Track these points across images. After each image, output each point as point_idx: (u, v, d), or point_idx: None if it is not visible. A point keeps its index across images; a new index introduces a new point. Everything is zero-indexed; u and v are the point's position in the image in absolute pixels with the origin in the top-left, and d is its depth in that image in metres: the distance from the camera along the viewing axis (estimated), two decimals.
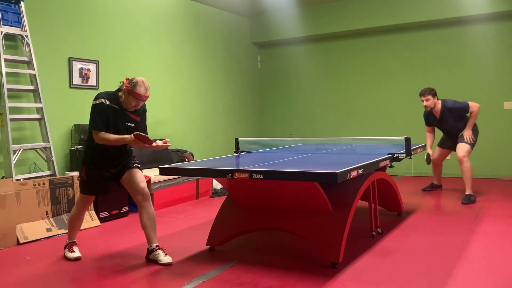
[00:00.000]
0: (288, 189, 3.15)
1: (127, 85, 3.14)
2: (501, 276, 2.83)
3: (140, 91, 3.13)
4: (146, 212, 3.30)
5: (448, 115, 5.25)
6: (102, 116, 3.14)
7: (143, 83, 3.15)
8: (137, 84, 3.13)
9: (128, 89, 3.14)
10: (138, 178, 3.32)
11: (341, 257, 3.02)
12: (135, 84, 3.13)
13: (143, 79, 3.18)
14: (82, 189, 3.39)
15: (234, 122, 8.17)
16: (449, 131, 5.41)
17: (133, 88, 3.12)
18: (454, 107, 5.20)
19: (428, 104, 5.21)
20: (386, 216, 4.47)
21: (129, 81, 3.16)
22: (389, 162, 3.77)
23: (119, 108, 3.22)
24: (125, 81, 3.17)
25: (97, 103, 3.15)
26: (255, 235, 3.90)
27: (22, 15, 4.60)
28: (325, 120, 8.24)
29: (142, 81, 3.16)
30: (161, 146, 3.19)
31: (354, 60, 7.95)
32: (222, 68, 7.81)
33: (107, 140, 3.14)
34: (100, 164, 3.30)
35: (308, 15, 7.98)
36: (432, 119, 5.44)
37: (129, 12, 6.01)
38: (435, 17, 6.91)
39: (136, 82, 3.14)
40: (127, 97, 3.16)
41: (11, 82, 4.60)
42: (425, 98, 5.22)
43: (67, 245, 3.50)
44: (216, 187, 6.16)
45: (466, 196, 5.12)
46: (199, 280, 2.88)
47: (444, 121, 5.31)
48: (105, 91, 3.27)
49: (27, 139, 4.76)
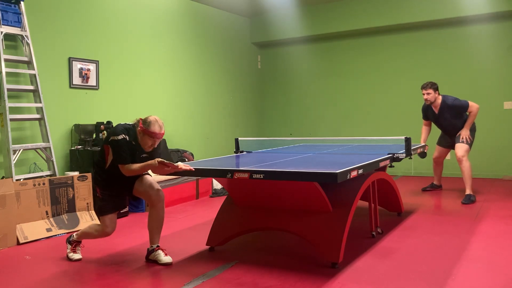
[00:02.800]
0: (288, 189, 3.15)
1: (141, 126, 3.13)
2: (501, 276, 2.83)
3: (154, 129, 3.11)
4: (157, 213, 3.29)
5: (447, 111, 5.25)
6: (126, 150, 3.13)
7: (156, 122, 3.13)
8: (151, 123, 3.12)
9: (142, 129, 3.12)
10: (150, 181, 3.33)
11: (341, 257, 3.02)
12: (149, 123, 3.12)
13: (156, 118, 3.16)
14: (101, 210, 3.30)
15: (234, 122, 8.17)
16: (446, 127, 5.40)
17: (147, 128, 3.11)
18: (454, 104, 5.20)
19: (429, 98, 5.21)
20: (386, 216, 4.47)
21: (142, 121, 3.15)
22: (389, 162, 3.77)
23: (135, 144, 3.20)
24: (139, 122, 3.18)
25: (119, 139, 3.12)
26: (255, 235, 3.90)
27: (22, 15, 4.60)
28: (325, 120, 8.23)
29: (155, 119, 3.14)
30: (184, 169, 3.16)
31: (354, 60, 7.94)
32: (222, 68, 7.81)
33: (133, 171, 3.13)
34: (116, 184, 3.28)
35: (308, 15, 7.98)
36: (431, 114, 5.43)
37: (129, 12, 6.01)
38: (435, 17, 6.91)
39: (150, 122, 3.12)
40: (143, 137, 3.15)
41: (11, 82, 4.60)
42: (426, 91, 5.22)
43: (72, 242, 3.44)
44: (216, 187, 6.16)
45: (466, 196, 5.12)
46: (199, 280, 2.88)
47: (442, 117, 5.31)
48: (122, 125, 3.22)
49: (27, 139, 4.76)
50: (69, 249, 3.43)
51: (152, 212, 3.30)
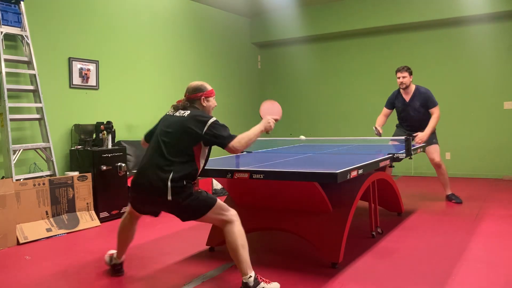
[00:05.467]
0: (288, 189, 3.15)
1: (202, 94, 2.82)
2: (501, 276, 2.83)
3: (210, 86, 2.91)
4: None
5: (417, 100, 5.07)
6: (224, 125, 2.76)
7: (203, 83, 2.91)
8: (204, 84, 2.87)
9: (206, 94, 2.83)
10: None
11: (341, 257, 3.02)
12: (204, 85, 2.86)
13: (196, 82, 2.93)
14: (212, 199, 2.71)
15: (234, 122, 8.16)
16: (411, 118, 5.14)
17: (207, 89, 2.86)
18: (426, 94, 5.05)
19: (404, 81, 5.03)
20: (386, 216, 4.47)
21: (197, 89, 2.83)
22: (389, 162, 3.77)
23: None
24: (192, 96, 2.82)
25: (214, 119, 2.72)
26: (255, 235, 3.90)
27: (22, 15, 4.60)
28: (325, 120, 8.23)
29: (201, 83, 2.90)
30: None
31: (354, 60, 7.95)
32: (222, 68, 7.80)
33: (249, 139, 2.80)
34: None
35: (308, 15, 7.98)
36: (400, 101, 5.18)
37: (129, 12, 6.01)
38: (435, 17, 6.91)
39: (202, 84, 2.86)
40: (210, 102, 2.86)
41: (11, 82, 4.60)
42: (402, 74, 5.03)
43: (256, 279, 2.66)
44: (216, 187, 6.16)
45: (451, 195, 5.19)
46: (199, 280, 2.88)
47: (412, 106, 5.10)
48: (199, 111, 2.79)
49: (27, 139, 4.76)
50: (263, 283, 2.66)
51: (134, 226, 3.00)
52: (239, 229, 2.64)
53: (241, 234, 2.63)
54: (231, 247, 2.61)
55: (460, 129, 7.09)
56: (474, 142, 7.00)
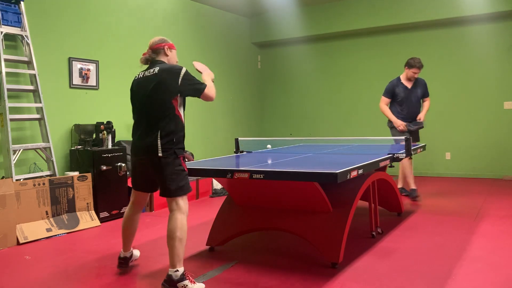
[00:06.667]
0: (288, 189, 3.15)
1: (166, 44, 2.99)
2: (501, 276, 2.83)
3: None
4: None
5: (419, 88, 5.36)
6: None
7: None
8: (165, 38, 3.02)
9: (170, 45, 3.01)
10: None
11: (341, 257, 3.02)
12: (165, 38, 3.02)
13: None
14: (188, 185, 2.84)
15: (234, 122, 8.17)
16: (412, 105, 5.33)
17: (170, 42, 3.03)
18: (425, 82, 5.45)
19: (416, 76, 5.33)
20: (386, 216, 4.47)
21: (161, 40, 3.00)
22: (389, 162, 3.77)
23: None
24: (156, 46, 2.97)
25: (185, 69, 2.85)
26: (255, 235, 3.90)
27: (22, 15, 4.60)
28: (325, 120, 8.24)
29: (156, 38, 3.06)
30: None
31: (354, 60, 7.95)
32: (222, 68, 7.80)
33: (212, 85, 2.93)
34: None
35: (308, 15, 7.98)
36: (401, 89, 5.33)
37: (129, 12, 6.01)
38: (435, 17, 6.91)
39: (164, 38, 3.03)
40: (173, 53, 3.04)
41: (11, 82, 4.60)
42: (419, 71, 5.29)
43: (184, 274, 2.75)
44: (216, 187, 6.16)
45: (414, 190, 5.33)
46: (199, 280, 2.88)
47: (414, 92, 5.34)
48: (168, 64, 2.92)
49: (27, 139, 4.76)
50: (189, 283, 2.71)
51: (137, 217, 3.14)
52: (184, 223, 2.74)
53: (183, 227, 2.72)
54: (169, 235, 2.71)
55: (460, 129, 7.09)
56: (474, 142, 7.00)
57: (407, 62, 5.35)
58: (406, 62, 5.36)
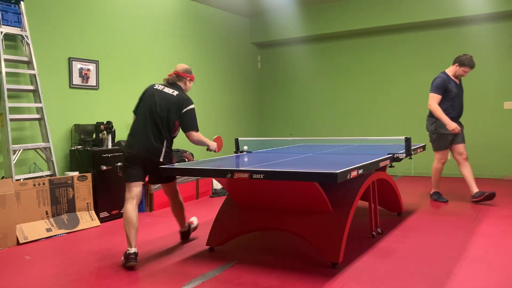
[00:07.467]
0: (288, 189, 3.15)
1: (190, 76, 3.62)
2: (501, 276, 2.83)
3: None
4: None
5: (461, 84, 5.21)
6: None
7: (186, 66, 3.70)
8: (191, 69, 3.67)
9: (191, 78, 3.64)
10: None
11: (341, 257, 3.02)
12: (191, 70, 3.65)
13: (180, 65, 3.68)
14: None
15: (234, 122, 8.17)
16: (460, 104, 5.08)
17: (193, 75, 3.66)
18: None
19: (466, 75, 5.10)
20: (386, 216, 4.47)
21: (187, 70, 3.61)
22: (389, 162, 3.77)
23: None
24: (182, 74, 3.57)
25: (194, 106, 3.48)
26: (255, 235, 3.90)
27: (22, 15, 4.60)
28: (325, 120, 8.24)
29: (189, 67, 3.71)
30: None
31: (354, 60, 7.95)
32: (222, 68, 7.81)
33: (203, 140, 3.59)
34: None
35: (308, 15, 7.99)
36: (453, 85, 5.00)
37: (129, 12, 6.01)
38: (435, 17, 6.91)
39: (191, 69, 3.66)
40: (191, 84, 3.67)
41: (11, 82, 4.60)
42: (470, 71, 5.06)
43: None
44: (216, 187, 6.16)
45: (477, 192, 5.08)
46: (199, 280, 2.88)
47: (462, 89, 5.15)
48: (185, 94, 3.52)
49: (27, 139, 4.76)
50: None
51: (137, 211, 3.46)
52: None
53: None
54: (182, 205, 3.78)
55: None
56: (474, 142, 7.00)
57: (458, 59, 4.98)
58: (457, 58, 5.00)
